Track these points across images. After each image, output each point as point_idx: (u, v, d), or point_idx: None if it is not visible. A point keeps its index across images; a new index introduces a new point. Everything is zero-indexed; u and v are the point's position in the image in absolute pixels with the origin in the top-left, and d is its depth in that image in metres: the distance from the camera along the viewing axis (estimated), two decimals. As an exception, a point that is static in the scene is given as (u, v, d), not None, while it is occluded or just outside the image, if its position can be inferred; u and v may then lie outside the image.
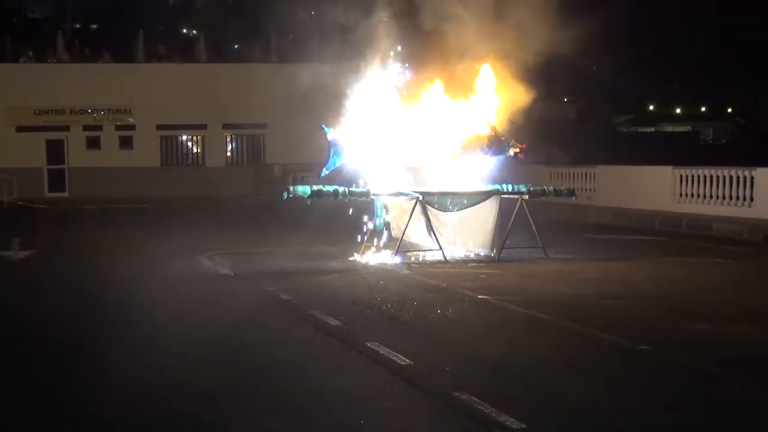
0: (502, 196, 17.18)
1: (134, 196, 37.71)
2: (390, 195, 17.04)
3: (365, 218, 17.40)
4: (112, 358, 9.47)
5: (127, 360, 9.40)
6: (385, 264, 16.26)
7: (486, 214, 17.05)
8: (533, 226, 17.17)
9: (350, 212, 17.69)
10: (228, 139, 44.39)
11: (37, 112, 41.82)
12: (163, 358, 9.50)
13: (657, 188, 25.85)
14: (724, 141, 69.58)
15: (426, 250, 17.11)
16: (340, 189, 16.53)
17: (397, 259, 16.49)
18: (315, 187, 16.63)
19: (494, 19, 17.42)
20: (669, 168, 25.80)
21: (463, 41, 17.48)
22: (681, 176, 25.17)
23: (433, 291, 13.27)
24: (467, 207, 17.13)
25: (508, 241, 17.00)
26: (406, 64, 17.72)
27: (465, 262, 16.63)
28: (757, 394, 8.12)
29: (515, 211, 17.21)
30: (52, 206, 34.58)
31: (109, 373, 8.92)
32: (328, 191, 16.47)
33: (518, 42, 17.26)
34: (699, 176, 24.51)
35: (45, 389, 8.43)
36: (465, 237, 17.31)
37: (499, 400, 7.63)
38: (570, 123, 50.27)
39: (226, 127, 43.80)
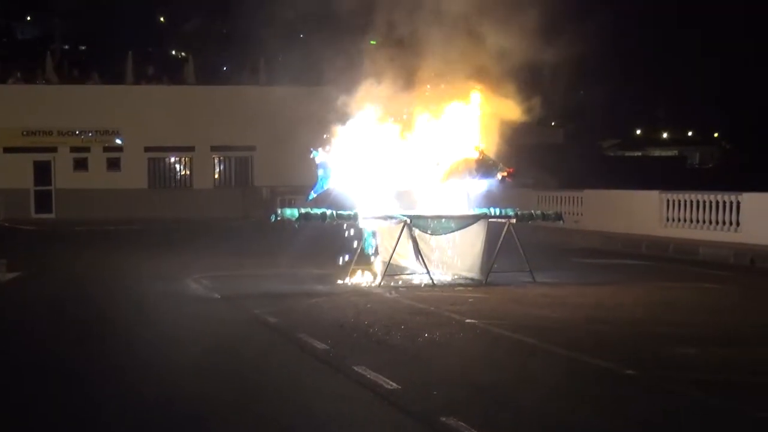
0: (490, 219, 17.20)
1: (121, 218, 37.65)
2: (378, 218, 17.05)
3: (353, 241, 17.40)
4: (97, 378, 9.46)
5: (112, 380, 9.37)
6: (372, 287, 16.26)
7: (474, 237, 17.06)
8: (521, 250, 17.19)
9: (346, 234, 17.62)
10: (216, 161, 44.38)
11: (24, 133, 41.75)
12: (149, 379, 9.48)
13: (644, 213, 25.95)
14: (710, 165, 69.91)
15: (413, 274, 17.13)
16: (328, 212, 16.55)
17: (385, 283, 16.48)
18: (303, 210, 16.65)
19: (479, 42, 17.52)
20: (656, 192, 25.91)
21: (449, 64, 17.59)
22: (668, 201, 25.28)
23: (421, 315, 13.26)
24: (455, 231, 17.14)
25: (495, 265, 17.01)
26: (395, 88, 17.78)
27: (452, 285, 16.64)
28: (742, 418, 8.14)
29: (503, 235, 17.23)
30: (39, 227, 34.49)
31: (94, 392, 8.90)
32: (316, 214, 16.49)
33: (505, 65, 17.35)
34: (686, 201, 24.62)
35: (33, 409, 8.40)
36: (453, 261, 17.33)
37: (486, 425, 7.63)
38: (557, 147, 50.39)
39: (214, 149, 43.80)
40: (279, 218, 16.69)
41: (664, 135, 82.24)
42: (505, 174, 17.48)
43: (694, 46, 60.16)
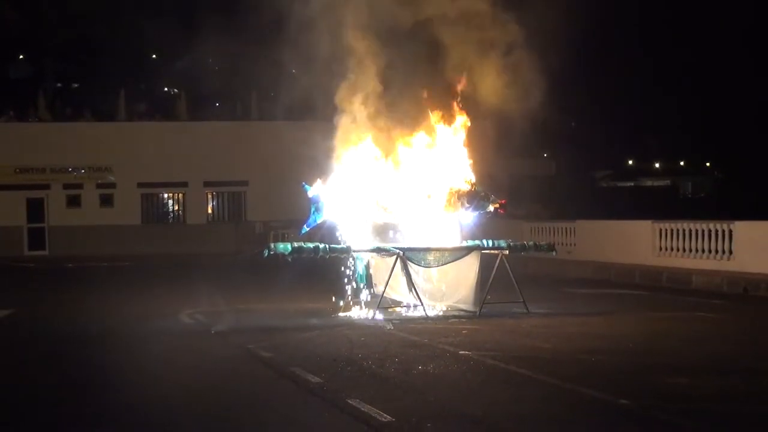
0: (483, 251, 17.22)
1: (115, 254, 37.64)
2: (370, 251, 17.06)
3: (346, 275, 17.39)
4: (87, 418, 9.42)
5: (102, 420, 9.34)
6: (366, 320, 16.25)
7: (467, 269, 17.07)
8: (514, 281, 17.20)
9: (339, 268, 17.58)
10: (209, 196, 44.44)
11: (17, 170, 41.86)
12: (142, 416, 9.45)
13: (637, 242, 25.98)
14: (703, 195, 70.10)
15: (407, 306, 17.11)
16: (321, 246, 16.55)
17: (378, 315, 16.47)
18: (295, 244, 16.64)
19: (469, 73, 17.63)
20: (648, 222, 25.95)
21: (439, 98, 17.70)
22: (660, 230, 25.31)
23: (415, 347, 13.25)
24: (448, 263, 17.16)
25: (488, 297, 17.01)
26: (387, 120, 17.84)
27: (446, 317, 16.63)
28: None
29: (496, 267, 17.24)
30: (32, 264, 34.44)
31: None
32: (309, 248, 16.48)
33: (495, 98, 17.46)
34: (678, 230, 24.65)
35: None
36: (446, 293, 17.31)
37: (480, 457, 7.61)
38: (549, 178, 50.55)
39: (207, 184, 43.88)
40: (272, 252, 16.68)
41: (656, 165, 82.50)
42: (497, 206, 17.52)
43: (685, 77, 60.53)
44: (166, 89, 56.60)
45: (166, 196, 44.32)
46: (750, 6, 56.12)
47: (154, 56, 57.42)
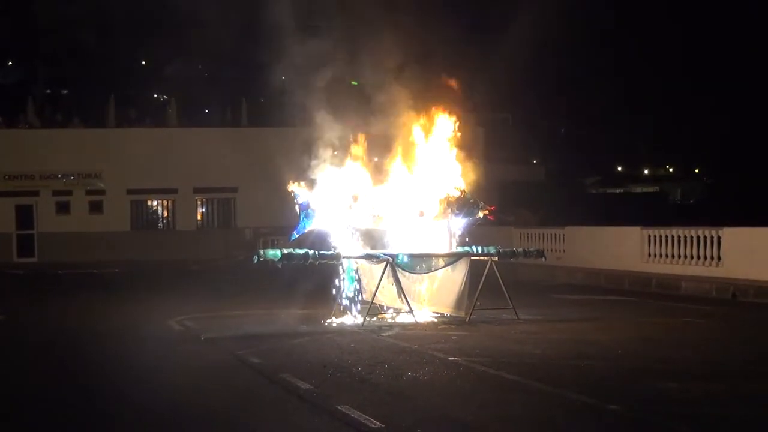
0: (472, 257, 17.24)
1: (104, 261, 37.52)
2: (360, 257, 17.07)
3: (335, 281, 17.39)
4: (80, 423, 9.41)
5: (96, 424, 9.33)
6: (355, 326, 16.25)
7: (456, 276, 17.09)
8: (503, 287, 17.22)
9: (328, 274, 17.57)
10: (199, 203, 44.34)
11: (6, 177, 41.71)
12: (131, 422, 9.44)
13: (626, 248, 26.03)
14: (692, 201, 70.23)
15: (396, 312, 17.12)
16: (310, 252, 16.55)
17: (368, 322, 16.47)
18: (285, 251, 16.63)
19: (458, 82, 17.68)
20: (637, 228, 26.00)
21: (429, 105, 17.75)
22: (649, 236, 25.36)
23: (404, 353, 13.26)
24: (437, 269, 17.18)
25: (478, 303, 17.03)
26: (374, 128, 17.88)
27: (435, 324, 16.64)
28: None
29: (485, 273, 17.26)
30: (21, 271, 34.34)
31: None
32: (298, 254, 16.48)
33: (482, 104, 17.52)
34: (667, 236, 24.71)
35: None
36: (435, 299, 17.34)
37: (469, 462, 7.62)
38: (539, 184, 50.59)
39: (196, 191, 43.77)
40: (261, 259, 16.66)
41: (645, 171, 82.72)
42: (487, 212, 17.55)
43: (675, 83, 60.74)
44: (155, 95, 56.55)
45: (155, 202, 44.22)
46: (739, 15, 56.41)
47: (143, 62, 57.39)
